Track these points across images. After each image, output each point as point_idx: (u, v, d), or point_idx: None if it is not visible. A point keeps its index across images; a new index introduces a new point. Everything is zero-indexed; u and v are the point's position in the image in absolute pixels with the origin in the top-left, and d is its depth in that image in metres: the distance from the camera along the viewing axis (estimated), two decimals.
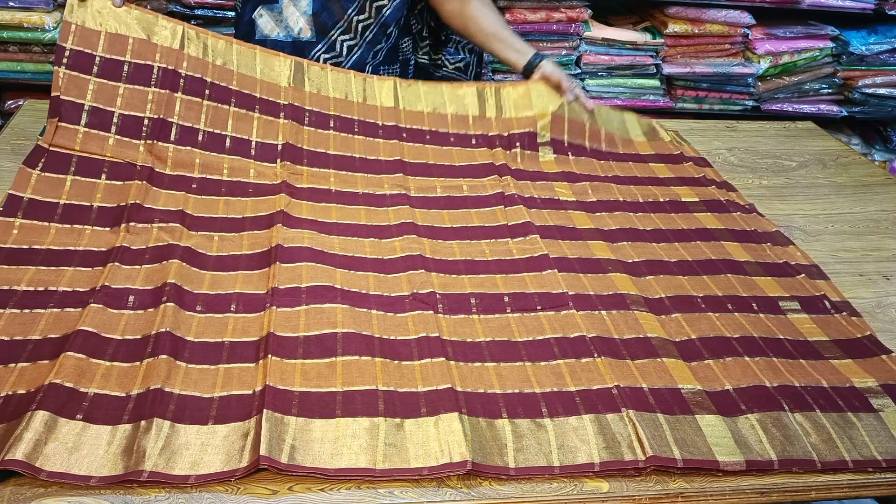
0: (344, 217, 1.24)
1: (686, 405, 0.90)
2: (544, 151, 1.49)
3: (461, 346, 0.98)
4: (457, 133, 1.48)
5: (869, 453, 0.86)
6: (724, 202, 1.39)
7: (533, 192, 1.36)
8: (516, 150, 1.47)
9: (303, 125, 1.39)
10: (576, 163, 1.49)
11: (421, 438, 0.83)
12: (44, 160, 1.21)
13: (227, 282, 1.06)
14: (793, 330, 1.06)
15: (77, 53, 1.30)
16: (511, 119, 1.50)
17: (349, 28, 1.52)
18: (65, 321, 0.96)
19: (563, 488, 0.80)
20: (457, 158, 1.43)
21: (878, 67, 2.77)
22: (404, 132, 1.45)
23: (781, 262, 1.21)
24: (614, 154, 1.54)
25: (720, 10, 2.60)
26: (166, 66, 1.34)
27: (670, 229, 1.30)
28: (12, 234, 1.11)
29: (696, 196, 1.40)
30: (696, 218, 1.34)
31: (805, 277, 1.17)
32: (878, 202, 1.46)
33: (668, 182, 1.45)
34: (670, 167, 1.51)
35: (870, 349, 1.02)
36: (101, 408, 0.83)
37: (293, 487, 0.78)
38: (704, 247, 1.25)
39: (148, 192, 1.20)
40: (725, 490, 0.82)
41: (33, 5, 2.41)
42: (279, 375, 0.89)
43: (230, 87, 1.37)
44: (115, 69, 1.31)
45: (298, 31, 1.51)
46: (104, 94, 1.29)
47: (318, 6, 1.49)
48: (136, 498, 0.76)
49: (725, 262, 1.20)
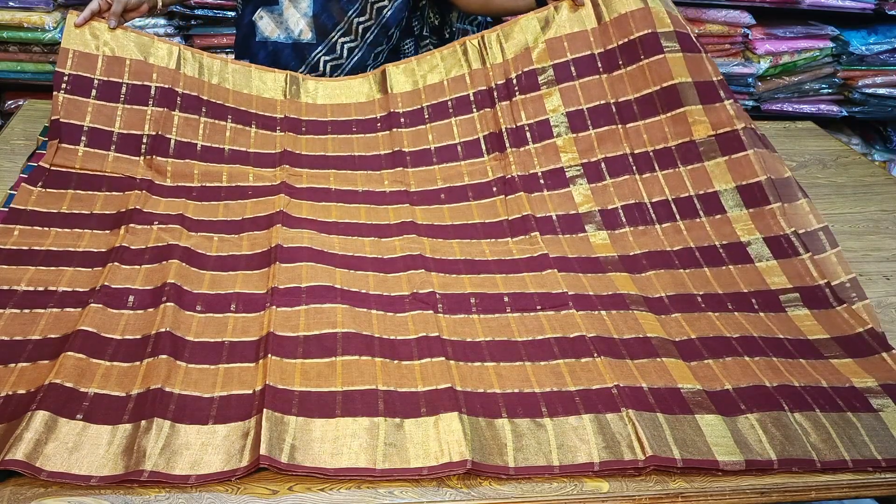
0: (344, 216, 1.23)
1: (686, 405, 0.90)
2: (549, 96, 1.40)
3: (461, 346, 0.98)
4: (455, 97, 1.44)
5: (869, 453, 0.85)
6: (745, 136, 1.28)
7: (536, 165, 1.34)
8: (517, 98, 1.40)
9: (300, 135, 1.40)
10: (584, 93, 1.39)
11: (421, 438, 0.83)
12: (44, 178, 1.23)
13: (226, 282, 1.06)
14: (793, 328, 1.06)
15: (76, 78, 1.33)
16: (505, 63, 1.44)
17: (350, 30, 1.52)
18: (65, 321, 0.96)
19: (563, 488, 0.80)
20: (458, 133, 1.40)
21: (878, 67, 2.77)
22: (402, 117, 1.42)
23: (790, 233, 1.17)
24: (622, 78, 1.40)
25: (720, 10, 2.60)
26: (163, 85, 1.36)
27: (677, 197, 1.27)
28: (12, 235, 1.11)
29: (712, 129, 1.31)
30: (706, 172, 1.28)
31: (811, 257, 1.14)
32: (878, 202, 1.46)
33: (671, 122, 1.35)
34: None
35: (870, 346, 1.02)
36: (101, 408, 0.83)
37: (293, 487, 0.78)
38: (709, 226, 1.23)
39: (148, 199, 1.21)
40: (725, 490, 0.82)
41: (33, 5, 2.41)
42: (279, 375, 0.89)
43: (226, 105, 1.39)
44: (113, 91, 1.34)
45: (299, 33, 1.51)
46: (103, 115, 1.32)
47: (319, 7, 1.49)
48: (136, 498, 0.76)
49: (729, 248, 1.19)
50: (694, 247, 1.20)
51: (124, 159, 1.28)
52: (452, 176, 1.34)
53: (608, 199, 1.28)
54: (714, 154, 1.28)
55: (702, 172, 1.28)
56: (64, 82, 1.32)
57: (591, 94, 1.38)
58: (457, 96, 1.44)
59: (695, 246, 1.20)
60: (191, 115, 1.35)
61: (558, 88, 1.40)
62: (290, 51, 1.51)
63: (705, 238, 1.22)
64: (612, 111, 1.37)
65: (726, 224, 1.22)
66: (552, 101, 1.39)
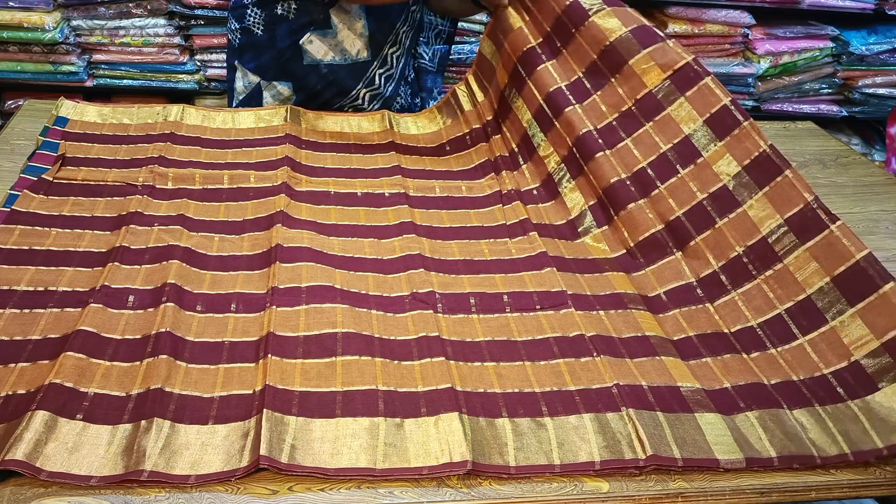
0: (343, 218, 1.24)
1: (685, 404, 0.90)
2: (518, 108, 1.42)
3: (461, 346, 0.98)
4: (452, 139, 1.49)
5: (871, 443, 0.85)
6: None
7: (529, 182, 1.35)
8: (504, 125, 1.45)
9: (300, 149, 1.42)
10: (538, 87, 1.38)
11: (421, 438, 0.83)
12: (46, 188, 1.24)
13: (227, 282, 1.06)
14: (794, 285, 1.01)
15: (79, 135, 1.39)
16: (489, 101, 1.50)
17: (396, 40, 1.55)
18: (65, 321, 0.96)
19: (563, 488, 0.80)
20: (454, 164, 1.44)
21: (878, 67, 2.77)
22: (400, 147, 1.46)
23: (767, 149, 1.10)
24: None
25: (720, 10, 2.60)
26: (165, 131, 1.41)
27: (651, 161, 1.21)
28: (12, 235, 1.11)
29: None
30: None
31: (794, 171, 1.07)
32: (878, 202, 1.46)
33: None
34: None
35: (872, 282, 0.95)
36: (101, 408, 0.83)
37: (293, 487, 0.78)
38: (689, 179, 1.16)
39: (149, 203, 1.21)
40: (725, 490, 0.82)
41: (33, 5, 2.41)
42: (279, 375, 0.89)
43: (227, 139, 1.43)
44: (116, 139, 1.40)
45: (356, 53, 1.51)
46: (106, 151, 1.36)
47: (374, 26, 1.50)
48: (136, 498, 0.76)
49: (715, 197, 1.12)
50: (680, 214, 1.16)
51: (126, 172, 1.30)
52: (451, 188, 1.36)
53: (592, 190, 1.26)
54: (674, 96, 1.23)
55: (667, 120, 1.22)
56: (69, 137, 1.38)
57: (543, 83, 1.36)
58: (452, 137, 1.49)
59: (680, 213, 1.16)
60: (193, 147, 1.39)
61: (520, 96, 1.42)
62: (346, 72, 1.52)
63: (690, 196, 1.16)
64: (566, 94, 1.34)
65: (706, 168, 1.16)
66: (521, 110, 1.42)
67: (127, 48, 2.60)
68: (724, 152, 1.15)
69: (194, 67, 2.70)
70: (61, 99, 1.47)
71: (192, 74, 2.72)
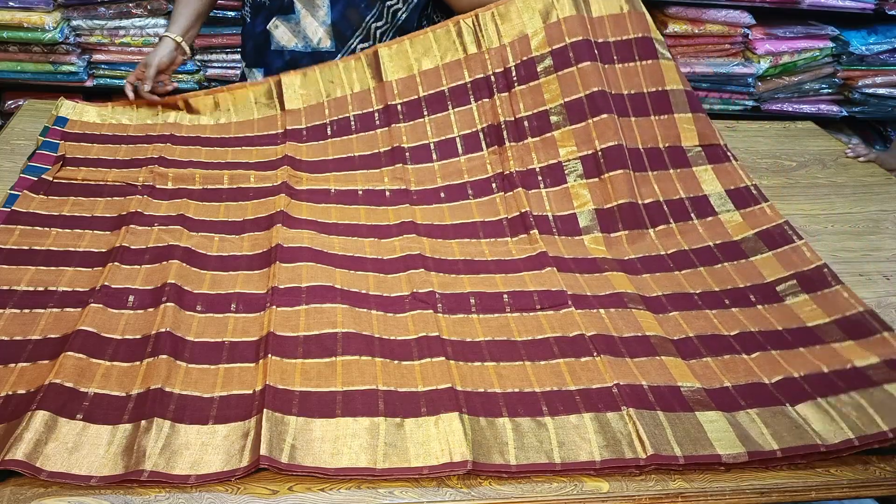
0: (343, 217, 1.24)
1: (686, 403, 0.90)
2: (547, 85, 1.37)
3: (461, 346, 0.98)
4: (452, 87, 1.42)
5: (875, 427, 0.85)
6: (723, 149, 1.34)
7: (534, 160, 1.34)
8: (515, 89, 1.38)
9: (301, 143, 1.41)
10: (582, 79, 1.35)
11: (421, 438, 0.83)
12: (46, 188, 1.24)
13: (227, 282, 1.06)
14: (792, 318, 1.05)
15: (79, 135, 1.39)
16: (502, 48, 1.41)
17: (367, 35, 1.51)
18: (65, 321, 0.96)
19: (563, 488, 0.80)
20: (457, 127, 1.39)
21: (878, 67, 2.77)
22: (400, 111, 1.41)
23: (782, 223, 1.20)
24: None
25: (720, 10, 2.60)
26: (164, 133, 1.41)
27: (668, 199, 1.28)
28: (12, 235, 1.11)
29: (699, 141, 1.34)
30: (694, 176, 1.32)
31: (805, 243, 1.16)
32: (878, 202, 1.46)
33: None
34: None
35: (871, 327, 1.01)
36: (102, 408, 0.83)
37: (293, 487, 0.78)
38: (701, 228, 1.24)
39: (149, 203, 1.21)
40: (725, 490, 0.82)
41: (33, 5, 2.40)
42: (279, 375, 0.89)
43: (227, 136, 1.43)
44: (116, 139, 1.40)
45: (318, 42, 1.50)
46: (106, 151, 1.37)
47: (337, 15, 1.48)
48: (136, 498, 0.76)
49: (722, 247, 1.20)
50: (688, 249, 1.21)
51: (126, 172, 1.30)
52: (452, 173, 1.34)
53: (605, 197, 1.28)
54: (701, 162, 1.32)
55: (690, 176, 1.31)
56: (68, 137, 1.38)
57: (588, 80, 1.35)
58: (454, 85, 1.42)
59: (688, 248, 1.21)
60: (193, 147, 1.39)
61: (557, 76, 1.37)
62: (308, 60, 1.50)
63: (698, 239, 1.23)
64: (608, 99, 1.35)
65: (718, 225, 1.24)
66: (551, 90, 1.37)
67: (127, 48, 2.60)
68: (740, 219, 1.25)
69: (194, 67, 2.70)
70: (61, 99, 1.47)
71: (192, 74, 2.71)
